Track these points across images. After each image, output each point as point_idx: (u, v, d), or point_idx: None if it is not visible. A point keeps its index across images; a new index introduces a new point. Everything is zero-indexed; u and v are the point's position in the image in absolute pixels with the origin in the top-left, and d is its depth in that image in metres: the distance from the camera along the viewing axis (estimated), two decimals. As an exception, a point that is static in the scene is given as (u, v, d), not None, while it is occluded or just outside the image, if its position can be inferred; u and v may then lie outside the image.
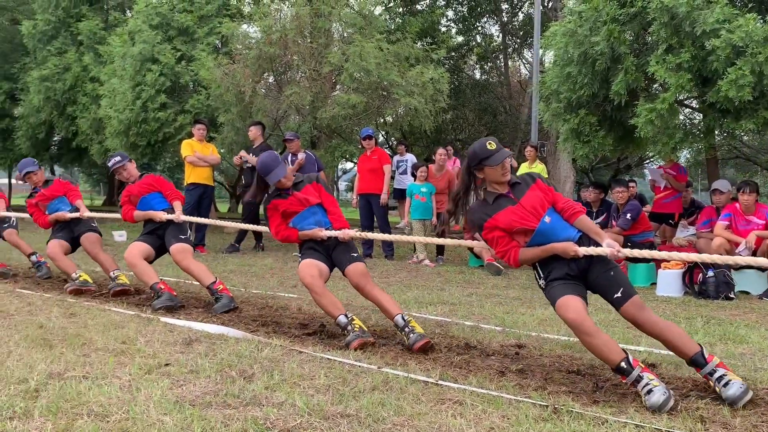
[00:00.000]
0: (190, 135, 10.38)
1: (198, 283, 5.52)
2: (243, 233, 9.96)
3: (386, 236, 5.22)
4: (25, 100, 17.28)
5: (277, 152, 17.35)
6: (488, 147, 3.30)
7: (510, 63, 24.22)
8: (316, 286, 4.15)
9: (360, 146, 10.07)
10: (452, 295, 5.99)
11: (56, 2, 16.70)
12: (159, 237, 5.51)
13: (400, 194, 11.21)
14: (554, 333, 4.42)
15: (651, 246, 7.38)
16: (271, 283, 6.72)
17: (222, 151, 12.89)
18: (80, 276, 6.00)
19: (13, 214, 7.41)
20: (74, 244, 6.31)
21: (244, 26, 12.43)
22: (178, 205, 5.62)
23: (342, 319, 4.07)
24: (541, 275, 3.34)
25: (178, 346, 3.86)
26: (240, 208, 11.90)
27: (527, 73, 24.73)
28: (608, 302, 3.24)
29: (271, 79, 12.34)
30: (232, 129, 11.53)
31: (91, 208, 7.63)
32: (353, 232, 4.33)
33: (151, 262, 5.47)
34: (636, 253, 3.45)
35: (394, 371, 3.38)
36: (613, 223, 7.65)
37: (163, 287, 5.23)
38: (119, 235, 10.79)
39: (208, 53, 12.57)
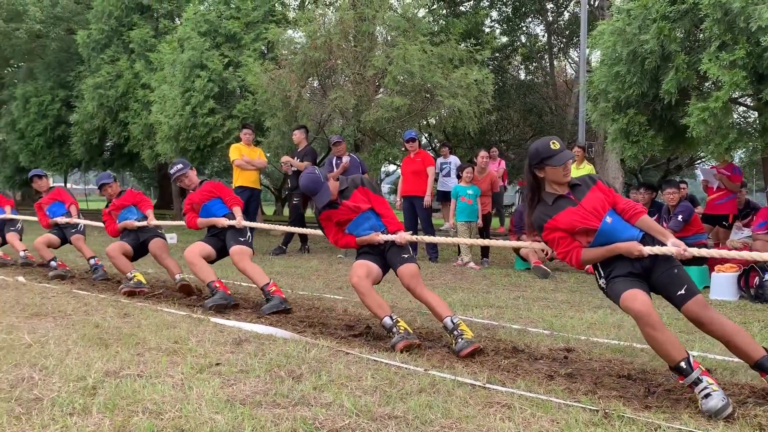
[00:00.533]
0: (238, 139, 10.59)
1: (252, 284, 5.63)
2: (289, 235, 10.09)
3: (443, 240, 5.16)
4: (79, 107, 17.85)
5: (320, 155, 17.43)
6: (551, 146, 3.25)
7: (555, 63, 23.90)
8: (363, 286, 4.17)
9: (403, 149, 10.08)
10: (498, 298, 5.94)
11: (109, 12, 17.22)
12: (220, 239, 5.64)
13: (443, 196, 11.19)
14: (604, 337, 4.35)
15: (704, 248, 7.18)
16: (317, 285, 6.78)
17: (268, 155, 13.09)
18: (134, 276, 6.18)
19: (82, 221, 7.69)
20: (138, 250, 6.50)
21: (290, 32, 12.59)
22: (237, 211, 5.73)
23: (387, 320, 4.08)
24: (602, 274, 3.27)
25: (228, 346, 3.94)
26: (286, 210, 12.06)
27: (573, 72, 24.35)
28: (670, 301, 3.16)
29: (315, 84, 12.46)
30: (278, 133, 11.69)
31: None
32: (409, 236, 4.32)
33: (211, 263, 5.61)
34: (704, 252, 3.35)
35: (440, 374, 3.38)
36: (664, 224, 7.47)
37: (218, 285, 5.35)
38: (170, 238, 11.04)
39: (255, 59, 12.78)
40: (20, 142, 20.19)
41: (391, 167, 29.72)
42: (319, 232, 5.86)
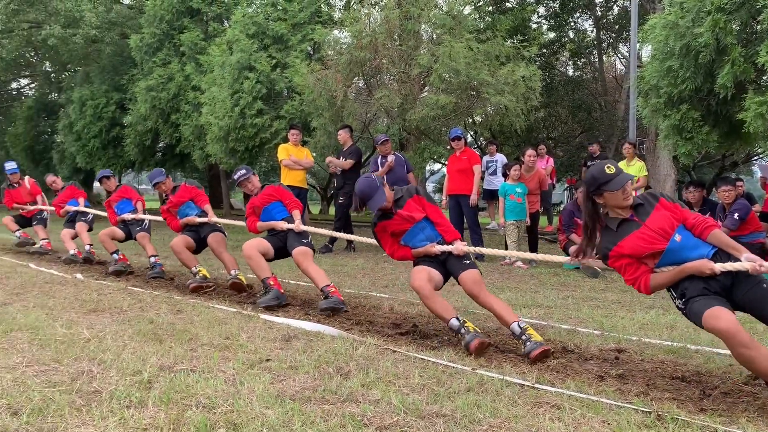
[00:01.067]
0: (286, 140, 10.73)
1: (302, 282, 5.67)
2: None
3: (500, 252, 4.93)
4: (133, 109, 18.34)
5: (365, 155, 17.47)
6: (607, 171, 3.20)
7: (604, 58, 23.42)
8: (425, 289, 4.06)
9: (449, 147, 10.04)
10: (547, 298, 5.87)
11: (161, 16, 17.64)
12: (281, 240, 5.66)
13: (489, 195, 11.10)
14: (656, 338, 4.25)
15: (762, 248, 6.94)
16: (364, 283, 6.82)
17: (315, 154, 13.22)
18: (199, 270, 6.35)
19: (148, 217, 7.87)
20: (199, 244, 6.66)
21: (335, 32, 12.67)
22: (297, 214, 5.77)
23: (454, 322, 3.97)
24: (676, 295, 3.15)
25: (278, 343, 4.00)
26: (332, 210, 12.17)
27: (623, 68, 23.82)
28: (761, 320, 3.00)
29: (361, 83, 12.52)
30: (324, 133, 11.79)
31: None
32: (466, 246, 4.22)
33: (268, 261, 5.64)
34: None
35: (488, 373, 3.36)
36: (719, 223, 7.26)
37: (272, 283, 5.40)
38: None
39: (302, 60, 12.91)
40: (77, 143, 20.87)
41: (436, 166, 29.63)
42: (366, 238, 5.92)
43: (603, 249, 3.29)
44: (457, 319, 3.99)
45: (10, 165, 10.38)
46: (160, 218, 7.32)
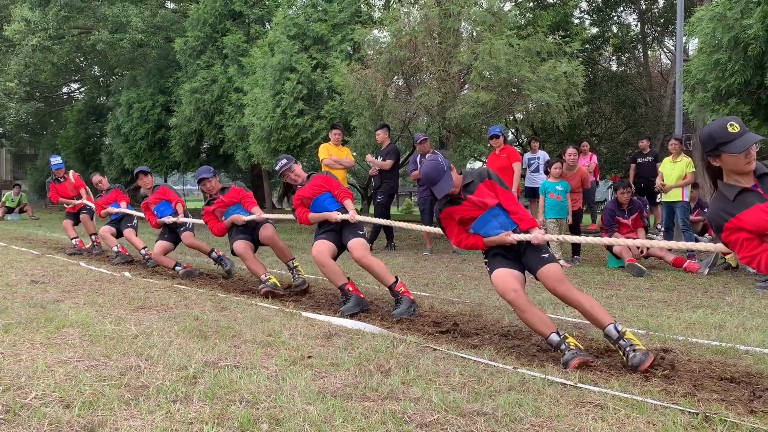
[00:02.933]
0: (327, 139, 10.82)
1: (377, 280, 5.37)
2: (375, 233, 10.21)
3: (586, 239, 4.29)
4: (178, 111, 18.76)
5: (405, 154, 17.41)
6: (729, 129, 2.79)
7: (649, 53, 22.91)
8: (521, 301, 3.70)
9: (489, 145, 9.98)
10: (590, 296, 5.77)
11: (204, 20, 17.99)
12: (336, 233, 5.39)
13: (531, 193, 10.99)
14: (704, 338, 4.15)
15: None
16: (404, 282, 6.81)
17: (355, 153, 13.28)
18: (269, 278, 6.06)
19: (189, 220, 7.73)
20: (255, 243, 6.46)
21: (375, 32, 12.72)
22: (349, 204, 5.50)
23: (554, 337, 3.61)
24: None
25: (319, 340, 4.04)
26: (371, 208, 12.19)
27: (668, 62, 23.26)
28: None
29: (400, 82, 12.53)
30: (364, 132, 11.85)
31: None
32: (544, 234, 3.85)
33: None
34: None
35: (530, 372, 3.33)
36: None
37: (351, 289, 5.15)
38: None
39: (342, 60, 13.01)
40: (124, 145, 21.44)
41: (477, 164, 29.46)
42: (414, 226, 5.81)
43: (717, 218, 2.88)
44: (557, 333, 3.61)
45: (55, 160, 10.37)
46: (200, 221, 7.18)
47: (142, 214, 8.47)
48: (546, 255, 3.84)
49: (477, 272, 7.57)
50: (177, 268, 7.45)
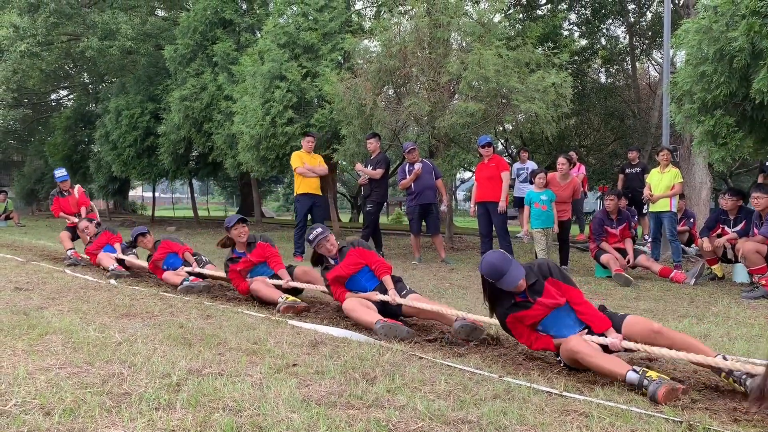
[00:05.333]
0: (300, 148, 10.71)
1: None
2: (365, 238, 10.19)
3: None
4: (167, 118, 18.67)
5: (395, 163, 17.39)
6: None
7: (638, 65, 23.14)
8: (584, 346, 3.49)
9: (478, 155, 10.02)
10: (576, 306, 5.78)
11: (194, 27, 17.97)
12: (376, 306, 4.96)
13: (520, 202, 11.02)
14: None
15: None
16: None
17: (344, 162, 13.27)
18: (287, 298, 5.71)
19: (207, 271, 7.26)
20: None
21: (365, 41, 12.75)
22: (388, 281, 5.07)
23: (632, 375, 3.26)
24: None
25: (305, 348, 4.02)
26: (361, 218, 12.17)
27: (657, 75, 23.50)
28: None
29: (390, 92, 12.56)
30: (353, 141, 11.85)
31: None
32: (623, 342, 3.53)
33: None
34: None
35: (516, 380, 3.33)
36: (755, 231, 7.09)
37: (384, 321, 4.58)
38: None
39: (332, 69, 13.02)
40: (113, 153, 21.29)
41: (467, 174, 29.52)
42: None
43: None
44: (635, 370, 3.28)
45: (60, 172, 9.98)
46: (219, 273, 6.94)
47: (140, 263, 8.07)
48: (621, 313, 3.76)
49: (465, 281, 7.58)
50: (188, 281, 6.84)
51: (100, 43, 19.38)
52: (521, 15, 19.15)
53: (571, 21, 21.76)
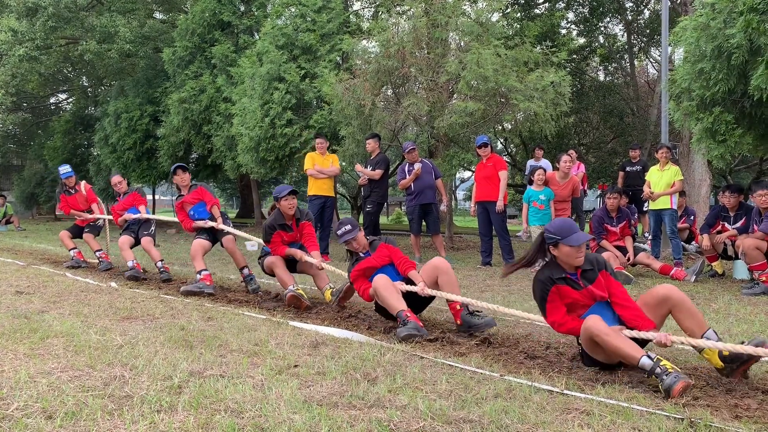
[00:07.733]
0: (314, 149, 10.80)
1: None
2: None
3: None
4: (166, 121, 18.69)
5: (395, 163, 17.36)
6: None
7: (636, 63, 23.15)
8: (600, 325, 3.45)
9: (476, 154, 10.02)
10: (577, 304, 5.78)
11: (192, 30, 17.99)
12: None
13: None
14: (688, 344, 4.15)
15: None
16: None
17: (344, 163, 13.27)
18: (297, 289, 5.81)
19: (230, 228, 7.16)
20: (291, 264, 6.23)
21: (364, 42, 12.76)
22: (414, 275, 4.99)
23: (645, 360, 3.23)
24: None
25: (306, 349, 4.02)
26: (361, 218, 12.17)
27: (655, 72, 23.51)
28: None
29: (389, 92, 12.56)
30: (352, 141, 11.86)
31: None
32: (668, 337, 3.42)
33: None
34: None
35: (517, 379, 3.33)
36: (755, 227, 7.09)
37: (408, 315, 4.58)
38: (250, 245, 10.81)
39: (330, 70, 13.03)
40: (112, 155, 21.31)
41: (466, 174, 29.55)
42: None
43: None
44: (649, 356, 3.24)
45: (64, 169, 9.60)
46: (237, 231, 7.01)
47: (162, 217, 7.89)
48: None
49: (465, 281, 7.58)
50: (129, 263, 7.87)
51: (99, 46, 19.40)
52: (519, 14, 19.16)
53: (569, 19, 21.77)
